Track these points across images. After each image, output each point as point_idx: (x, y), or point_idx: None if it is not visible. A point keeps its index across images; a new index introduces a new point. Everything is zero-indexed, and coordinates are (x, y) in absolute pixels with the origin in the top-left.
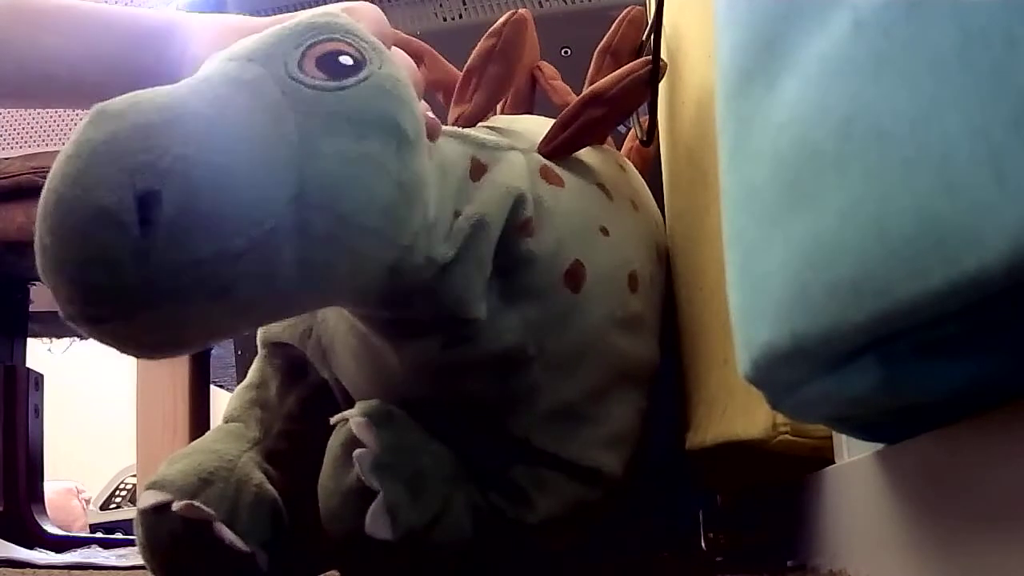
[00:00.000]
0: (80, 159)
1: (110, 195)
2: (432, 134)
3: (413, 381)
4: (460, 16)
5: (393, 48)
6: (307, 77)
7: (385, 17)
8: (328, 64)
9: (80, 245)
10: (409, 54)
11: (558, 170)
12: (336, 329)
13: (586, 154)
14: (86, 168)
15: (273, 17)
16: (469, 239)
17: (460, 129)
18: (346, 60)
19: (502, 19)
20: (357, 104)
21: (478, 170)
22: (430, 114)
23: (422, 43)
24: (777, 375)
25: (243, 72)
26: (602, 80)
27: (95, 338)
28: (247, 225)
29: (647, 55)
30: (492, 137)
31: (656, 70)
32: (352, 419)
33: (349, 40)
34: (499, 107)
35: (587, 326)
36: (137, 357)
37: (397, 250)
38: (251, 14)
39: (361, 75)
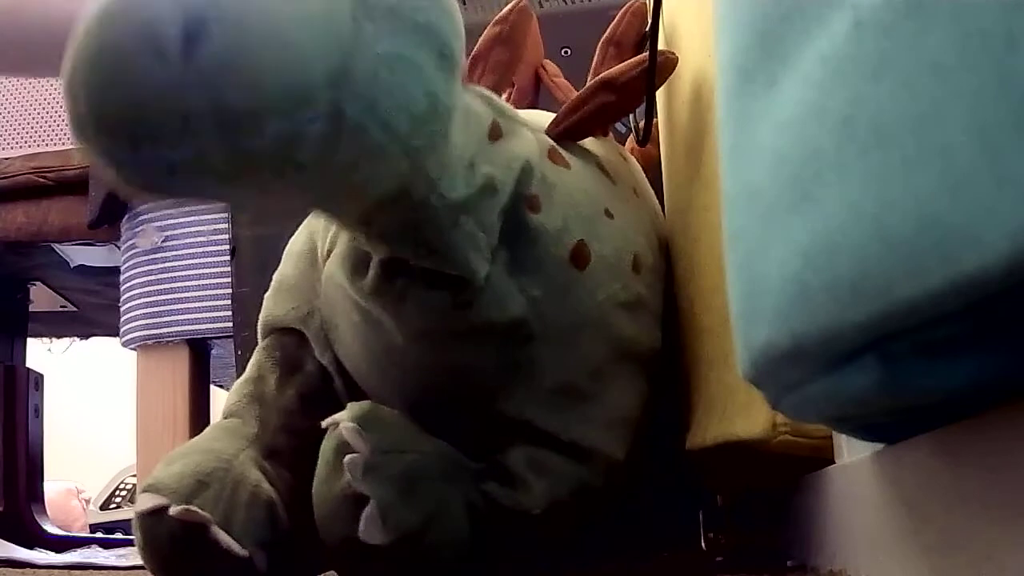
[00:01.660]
0: None
1: (158, 16)
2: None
3: (415, 355)
4: None
5: None
6: None
7: None
8: None
9: (116, 60)
10: None
11: (564, 153)
12: (338, 308)
13: (590, 143)
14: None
15: None
16: (479, 193)
17: (487, 92)
18: None
19: (508, 7)
20: (415, 8)
21: (495, 133)
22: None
23: None
24: (777, 375)
25: None
26: (614, 68)
27: (98, 158)
28: (283, 88)
29: (648, 50)
30: (512, 109)
31: (653, 70)
32: (342, 424)
33: None
34: (504, 96)
35: (589, 302)
36: (141, 190)
37: (415, 167)
38: None
39: None
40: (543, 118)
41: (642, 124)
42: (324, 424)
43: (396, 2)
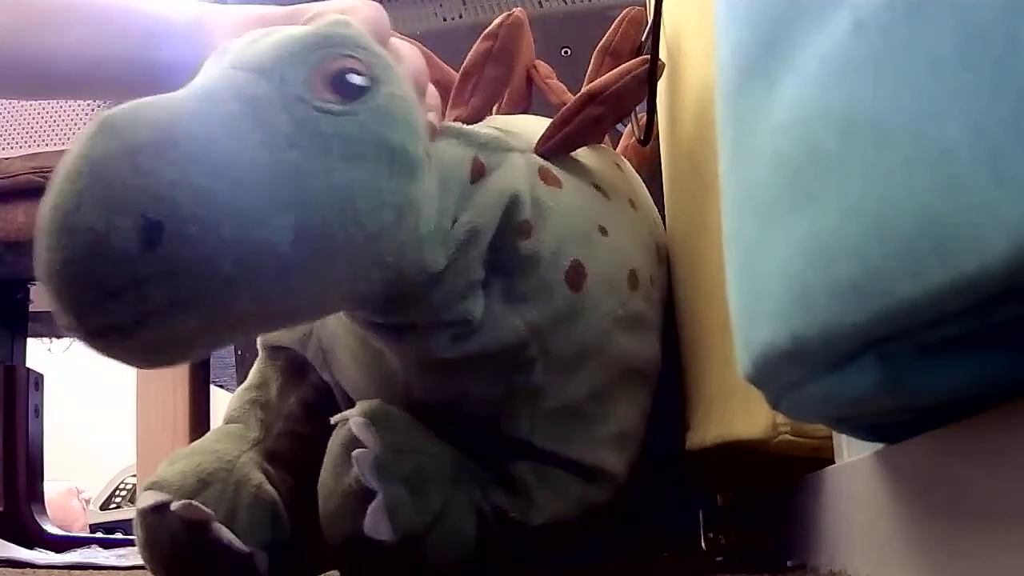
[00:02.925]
0: (80, 178)
1: (107, 220)
2: (429, 135)
3: (414, 383)
4: (460, 16)
5: (401, 45)
6: (314, 99)
7: (385, 15)
8: (337, 83)
9: (77, 266)
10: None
11: (556, 171)
12: (336, 332)
13: (583, 154)
14: (85, 189)
15: (294, 7)
16: (462, 246)
17: (464, 127)
18: (355, 79)
19: (498, 20)
20: (360, 128)
21: (478, 171)
22: (432, 115)
23: (415, 44)
24: (777, 375)
25: (248, 87)
26: (600, 79)
27: (92, 349)
28: (241, 252)
29: (646, 54)
30: (494, 135)
31: (654, 68)
32: (352, 419)
33: (359, 55)
34: (495, 106)
35: (589, 326)
36: (134, 367)
37: (390, 269)
38: (259, 1)
39: (368, 97)
40: (537, 127)
41: (643, 120)
42: (333, 420)
43: (344, 128)
